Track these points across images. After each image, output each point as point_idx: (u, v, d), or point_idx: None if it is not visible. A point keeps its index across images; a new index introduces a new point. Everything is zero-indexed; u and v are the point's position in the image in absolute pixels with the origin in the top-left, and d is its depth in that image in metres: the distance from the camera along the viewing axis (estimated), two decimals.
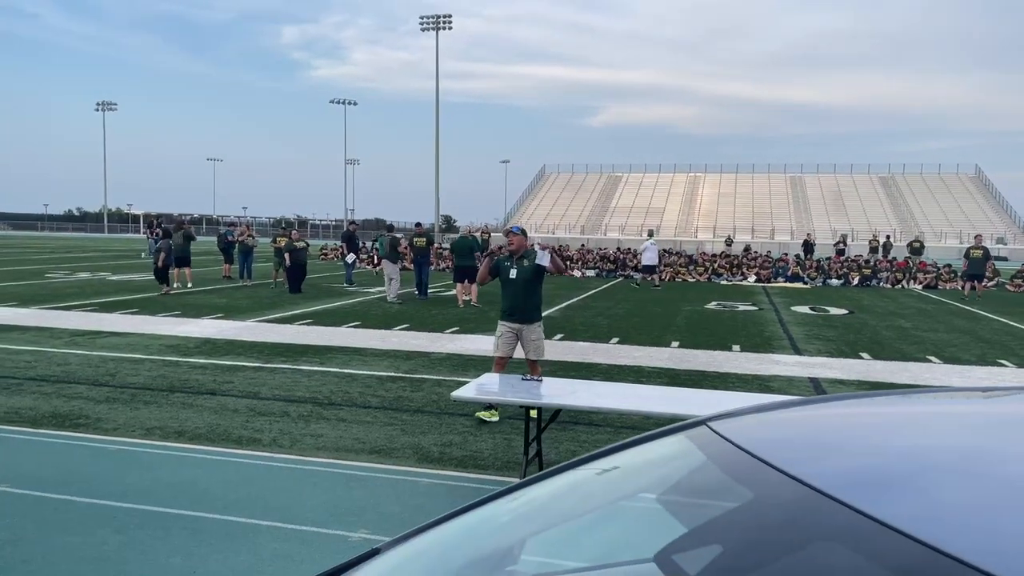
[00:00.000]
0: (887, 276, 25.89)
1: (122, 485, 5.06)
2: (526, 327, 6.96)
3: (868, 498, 1.03)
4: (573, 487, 1.61)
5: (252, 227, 27.46)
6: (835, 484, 1.09)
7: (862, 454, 1.28)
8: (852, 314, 16.77)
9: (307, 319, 13.77)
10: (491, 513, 1.63)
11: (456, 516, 1.64)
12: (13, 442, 6.02)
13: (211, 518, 4.52)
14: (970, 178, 79.43)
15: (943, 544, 0.89)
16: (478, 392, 5.26)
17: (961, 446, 1.27)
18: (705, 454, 1.42)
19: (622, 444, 1.62)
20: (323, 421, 6.82)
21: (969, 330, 14.28)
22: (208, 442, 6.10)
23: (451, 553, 1.60)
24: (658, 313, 16.18)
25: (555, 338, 12.03)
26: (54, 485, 5.01)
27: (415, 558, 1.59)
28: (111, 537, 4.22)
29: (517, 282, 6.99)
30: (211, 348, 10.47)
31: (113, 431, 6.35)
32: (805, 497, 1.10)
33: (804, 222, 69.13)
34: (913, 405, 1.66)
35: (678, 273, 27.00)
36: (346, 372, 9.02)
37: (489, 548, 1.61)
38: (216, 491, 5.02)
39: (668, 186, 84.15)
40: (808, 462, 1.23)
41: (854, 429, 1.41)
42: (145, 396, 7.58)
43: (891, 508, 0.99)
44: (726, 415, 1.59)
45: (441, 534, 1.61)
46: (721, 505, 1.28)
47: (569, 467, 1.62)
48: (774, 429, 1.45)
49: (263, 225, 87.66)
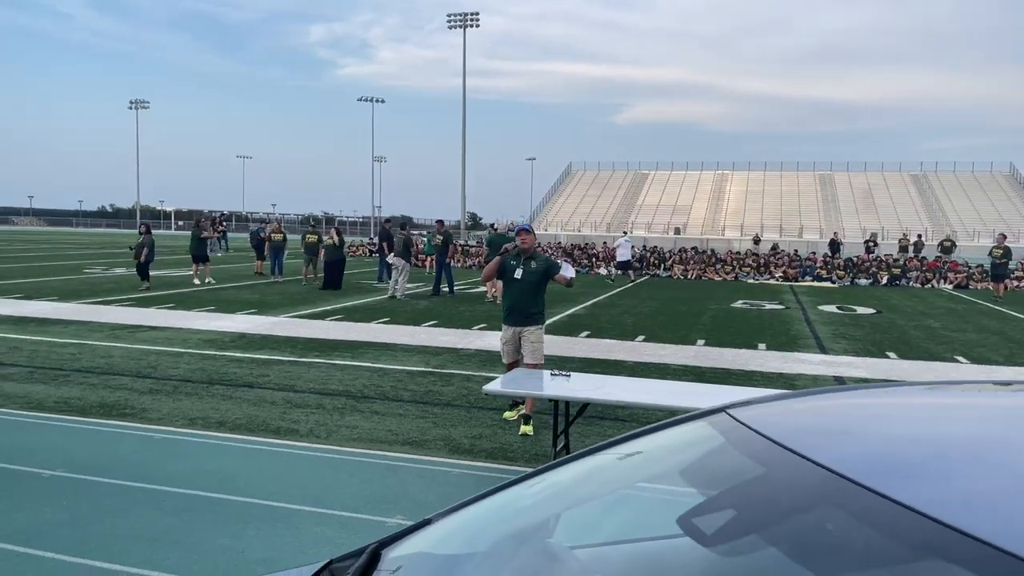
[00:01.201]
0: (916, 276, 25.67)
1: (169, 471, 5.32)
2: (525, 329, 6.78)
3: (875, 477, 1.18)
4: (599, 469, 1.78)
5: (282, 223, 27.91)
6: (843, 463, 1.25)
7: (872, 439, 1.44)
8: (880, 313, 16.71)
9: (338, 315, 14.06)
10: (526, 491, 1.81)
11: (496, 492, 1.83)
12: (64, 429, 6.32)
13: (255, 503, 4.75)
14: (1004, 176, 78.05)
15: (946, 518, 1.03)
16: (508, 386, 5.44)
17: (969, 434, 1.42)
18: (725, 438, 1.59)
19: (646, 429, 1.79)
20: (357, 413, 7.05)
21: (999, 330, 14.19)
22: (248, 432, 6.36)
23: (494, 525, 1.78)
24: (684, 311, 16.26)
25: (581, 335, 12.19)
26: (105, 470, 5.28)
27: (463, 527, 1.78)
28: (162, 519, 4.47)
29: (523, 283, 6.79)
30: (246, 343, 10.77)
31: (158, 420, 6.63)
32: (812, 472, 1.26)
33: (833, 221, 68.43)
34: (927, 396, 1.82)
35: (704, 271, 26.99)
36: (378, 367, 9.25)
37: (526, 522, 1.78)
38: (258, 478, 5.26)
39: (695, 184, 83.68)
40: (819, 444, 1.39)
41: (867, 417, 1.56)
42: (186, 388, 7.88)
43: (900, 488, 1.14)
44: (745, 403, 1.76)
45: (484, 508, 1.80)
46: (739, 481, 1.45)
47: (596, 450, 1.80)
48: (790, 415, 1.61)
49: (291, 222, 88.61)
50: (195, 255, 19.74)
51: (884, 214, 71.19)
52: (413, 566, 1.66)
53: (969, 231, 63.46)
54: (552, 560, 1.58)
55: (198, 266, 19.75)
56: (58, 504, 4.67)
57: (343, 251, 19.38)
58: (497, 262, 6.91)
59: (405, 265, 17.17)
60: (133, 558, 3.93)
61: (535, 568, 1.57)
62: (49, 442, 5.96)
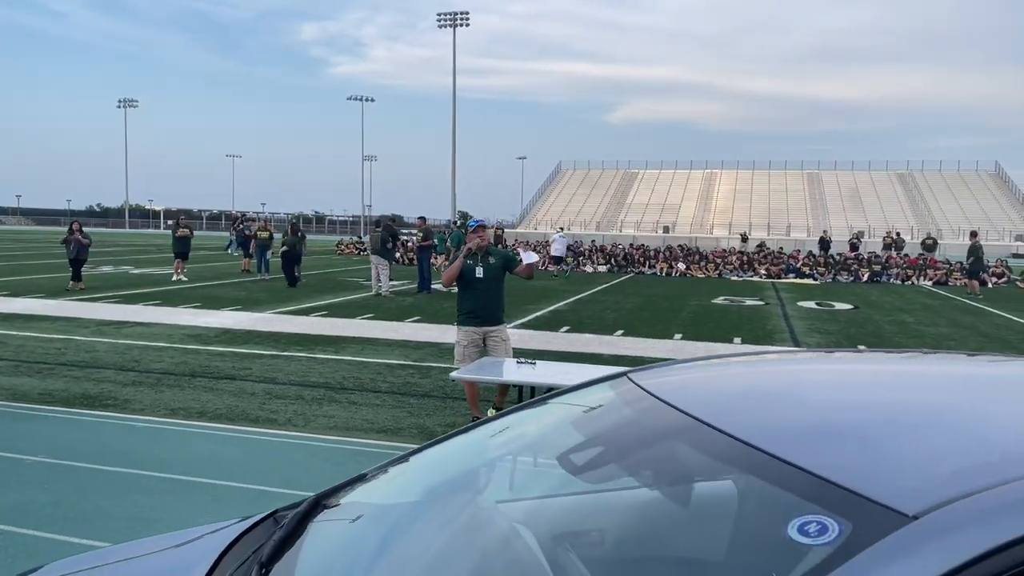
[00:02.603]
0: (897, 272, 26.04)
1: (150, 457, 5.51)
2: (494, 329, 6.51)
3: (724, 420, 1.41)
4: (513, 428, 2.00)
5: (271, 222, 28.04)
6: (691, 405, 1.48)
7: (720, 388, 1.68)
8: (857, 309, 17.02)
9: (322, 311, 14.25)
10: (449, 450, 2.03)
11: (423, 451, 2.05)
12: (49, 419, 6.50)
13: (231, 486, 4.96)
14: (990, 175, 78.81)
15: (758, 443, 1.26)
16: (475, 373, 5.66)
17: (790, 381, 1.67)
18: (619, 397, 1.81)
19: (558, 392, 2.01)
20: (335, 404, 7.25)
21: (971, 325, 14.51)
22: (228, 421, 6.56)
23: (420, 479, 1.99)
24: (665, 307, 16.52)
25: (561, 330, 12.43)
26: (88, 456, 5.47)
27: (392, 481, 1.99)
28: (141, 499, 4.67)
29: (485, 282, 6.44)
30: (230, 337, 10.96)
31: (140, 411, 6.82)
32: (668, 412, 1.49)
33: (821, 219, 68.98)
34: (783, 364, 2.05)
35: (688, 268, 27.28)
36: (358, 360, 9.45)
37: (448, 477, 1.99)
38: (235, 463, 5.47)
39: (684, 182, 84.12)
40: (680, 394, 1.62)
41: (725, 375, 1.80)
42: (169, 380, 8.06)
43: (728, 423, 1.37)
44: (645, 368, 1.99)
45: (413, 465, 2.02)
46: (623, 430, 1.68)
47: (514, 411, 2.02)
48: (670, 375, 1.84)
49: (281, 221, 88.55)
50: (175, 252, 20.26)
51: (871, 212, 71.77)
52: (345, 511, 1.88)
53: (955, 229, 64.06)
54: (469, 506, 1.80)
55: (179, 263, 20.19)
56: (40, 487, 4.86)
57: (298, 247, 19.53)
58: (461, 263, 6.63)
59: (385, 264, 17.37)
60: (111, 535, 4.12)
61: (453, 515, 1.79)
62: (32, 431, 6.14)
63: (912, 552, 0.93)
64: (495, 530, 1.68)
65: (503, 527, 1.66)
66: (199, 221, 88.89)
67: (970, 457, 1.12)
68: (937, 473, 1.08)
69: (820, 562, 0.97)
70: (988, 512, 0.97)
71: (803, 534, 1.03)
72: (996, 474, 1.03)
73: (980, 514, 0.97)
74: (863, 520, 1.00)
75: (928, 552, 0.93)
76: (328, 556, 1.69)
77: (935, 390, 1.57)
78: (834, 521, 1.02)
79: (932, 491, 1.02)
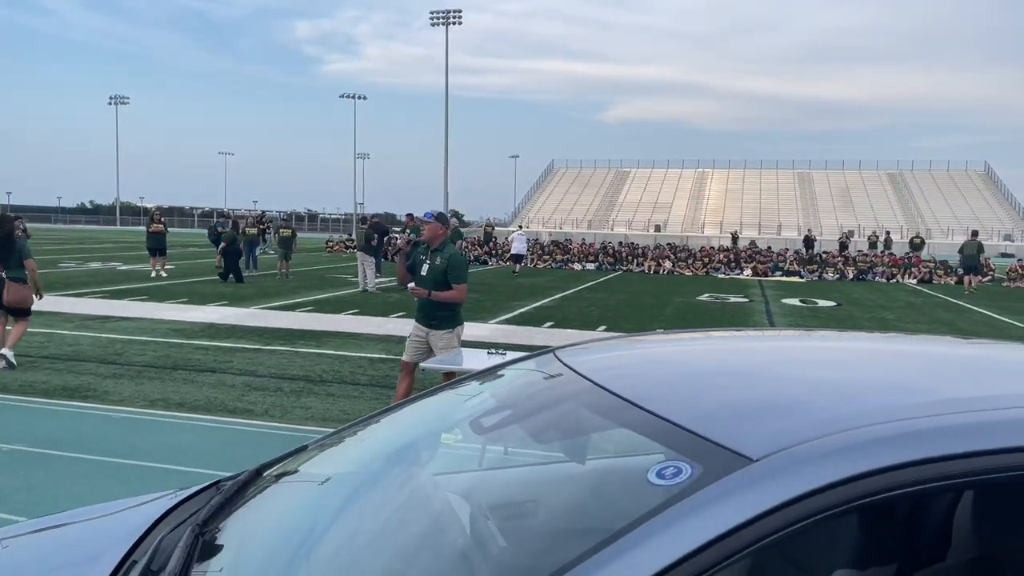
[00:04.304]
0: (882, 271, 26.26)
1: (126, 446, 5.60)
2: (433, 333, 6.08)
3: (624, 386, 1.52)
4: (447, 403, 2.11)
5: (261, 219, 28.03)
6: (604, 377, 1.59)
7: (639, 364, 1.79)
8: (840, 306, 17.19)
9: (309, 307, 14.33)
10: (386, 425, 2.14)
11: (361, 423, 2.15)
12: (27, 410, 6.58)
13: (205, 473, 5.03)
14: (979, 175, 79.33)
15: (633, 399, 1.38)
16: (445, 363, 5.76)
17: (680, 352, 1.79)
18: (542, 372, 1.92)
19: (490, 368, 2.12)
20: (313, 396, 7.35)
21: (949, 322, 14.68)
22: (205, 412, 6.64)
23: (356, 450, 2.09)
24: (649, 304, 16.65)
25: (545, 326, 12.54)
26: (65, 445, 5.56)
27: (330, 453, 2.09)
28: (115, 487, 4.75)
29: (427, 280, 6.00)
30: (214, 332, 11.03)
31: (119, 402, 6.90)
32: (576, 380, 1.60)
33: (811, 218, 69.34)
34: (717, 340, 2.16)
35: (676, 267, 27.44)
36: (340, 354, 9.54)
37: (383, 448, 2.09)
38: (210, 451, 5.56)
39: (676, 181, 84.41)
40: (598, 368, 1.73)
41: (638, 349, 1.91)
42: (149, 373, 8.13)
43: (621, 387, 1.48)
44: (572, 345, 2.09)
45: (352, 437, 2.12)
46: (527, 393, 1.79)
47: (447, 387, 2.13)
48: (590, 351, 1.95)
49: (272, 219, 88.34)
50: (149, 248, 20.40)
51: (861, 212, 72.18)
52: (284, 480, 1.98)
53: (943, 229, 64.50)
54: (398, 475, 1.90)
55: (155, 259, 20.21)
56: (14, 474, 4.94)
57: (237, 243, 19.57)
58: (403, 261, 6.35)
59: (371, 261, 17.47)
60: None
61: (386, 485, 1.89)
62: (9, 420, 6.22)
63: (751, 488, 1.05)
64: (422, 497, 1.79)
65: (426, 494, 1.77)
66: (191, 219, 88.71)
67: (814, 416, 1.23)
68: (783, 427, 1.19)
69: (670, 498, 1.08)
70: (816, 458, 1.08)
71: (660, 477, 1.14)
72: (828, 428, 1.15)
73: (809, 459, 1.08)
74: (714, 463, 1.11)
75: (764, 488, 1.04)
76: (266, 519, 1.79)
77: (811, 362, 1.70)
78: (688, 464, 1.13)
79: (774, 440, 1.13)
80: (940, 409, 1.23)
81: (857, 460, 1.08)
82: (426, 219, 6.19)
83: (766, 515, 1.02)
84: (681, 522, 1.03)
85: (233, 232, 19.36)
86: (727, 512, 1.03)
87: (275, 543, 1.64)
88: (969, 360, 1.81)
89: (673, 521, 1.03)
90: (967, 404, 1.26)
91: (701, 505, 1.04)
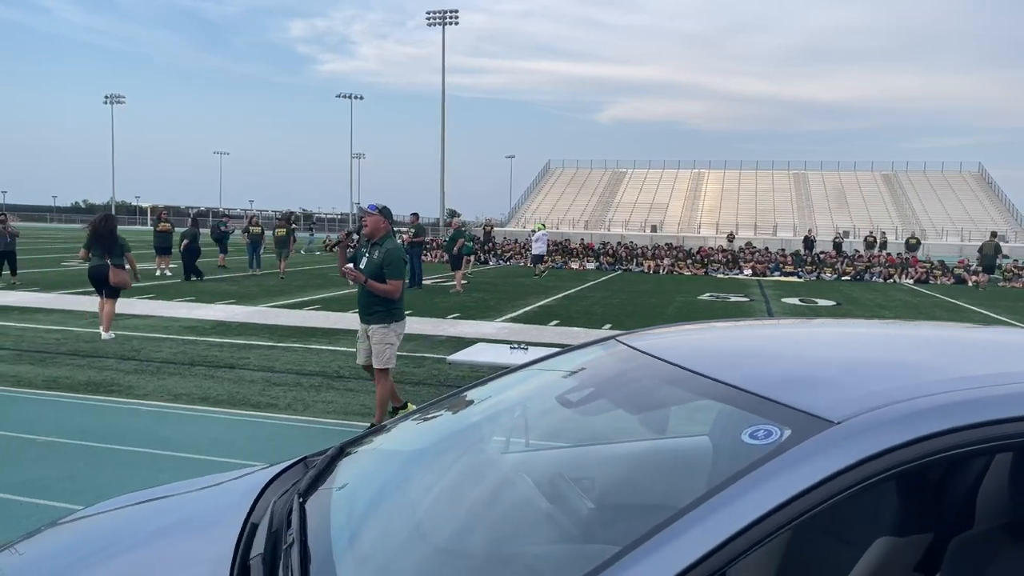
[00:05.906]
0: (879, 271, 26.51)
1: (157, 438, 5.75)
2: (370, 328, 6.11)
3: (699, 363, 1.69)
4: (518, 384, 2.28)
5: (258, 219, 28.14)
6: (676, 355, 1.76)
7: (705, 345, 1.96)
8: (839, 305, 17.40)
9: (316, 305, 14.47)
10: (456, 403, 2.30)
11: (437, 404, 2.32)
12: (55, 404, 6.72)
13: (239, 463, 5.19)
14: (973, 176, 79.78)
15: (714, 374, 1.55)
16: (471, 356, 5.92)
17: (752, 336, 1.96)
18: (606, 352, 2.09)
19: (553, 354, 2.29)
20: (333, 390, 7.51)
21: (950, 321, 14.89)
22: (230, 406, 6.80)
23: (434, 430, 2.26)
24: (652, 303, 16.84)
25: (551, 324, 12.71)
26: (98, 436, 5.71)
27: (408, 432, 2.26)
28: (153, 476, 4.90)
29: (363, 273, 5.95)
30: (225, 329, 11.17)
31: (144, 396, 7.05)
32: (653, 363, 1.77)
33: (807, 219, 69.64)
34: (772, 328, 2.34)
35: (676, 266, 27.65)
36: (353, 351, 9.66)
37: (459, 427, 2.26)
38: (240, 444, 5.72)
39: (672, 182, 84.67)
40: (663, 347, 1.90)
41: (704, 335, 2.09)
42: (169, 368, 8.28)
43: (709, 367, 1.65)
44: (632, 332, 2.27)
45: (428, 417, 2.29)
46: (605, 374, 1.96)
47: (516, 369, 2.29)
48: (653, 336, 2.12)
49: (268, 218, 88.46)
50: (156, 247, 20.58)
51: (856, 212, 72.53)
52: (366, 457, 2.14)
53: (938, 229, 64.89)
54: (477, 451, 2.07)
55: (160, 258, 20.35)
56: (53, 464, 5.09)
57: (197, 241, 19.65)
58: (343, 255, 6.27)
59: None
60: None
61: (462, 458, 2.06)
62: (40, 414, 6.36)
63: (836, 446, 1.22)
64: (497, 472, 1.96)
65: (504, 470, 1.94)
66: (186, 217, 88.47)
67: (884, 384, 1.41)
68: (853, 396, 1.36)
69: (766, 455, 1.25)
70: (891, 421, 1.26)
71: (753, 438, 1.31)
72: (901, 395, 1.32)
73: (885, 421, 1.26)
74: (801, 426, 1.29)
75: (845, 447, 1.22)
76: (355, 488, 1.96)
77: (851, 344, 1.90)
78: (776, 427, 1.31)
79: (852, 405, 1.31)
80: (986, 382, 1.40)
81: (920, 423, 1.25)
82: (369, 211, 6.01)
83: (848, 470, 1.19)
84: (780, 475, 1.20)
85: (194, 229, 19.39)
86: (817, 466, 1.20)
87: (377, 507, 1.81)
88: (999, 343, 1.98)
89: (774, 473, 1.20)
90: (1013, 378, 1.43)
91: (796, 461, 1.21)
